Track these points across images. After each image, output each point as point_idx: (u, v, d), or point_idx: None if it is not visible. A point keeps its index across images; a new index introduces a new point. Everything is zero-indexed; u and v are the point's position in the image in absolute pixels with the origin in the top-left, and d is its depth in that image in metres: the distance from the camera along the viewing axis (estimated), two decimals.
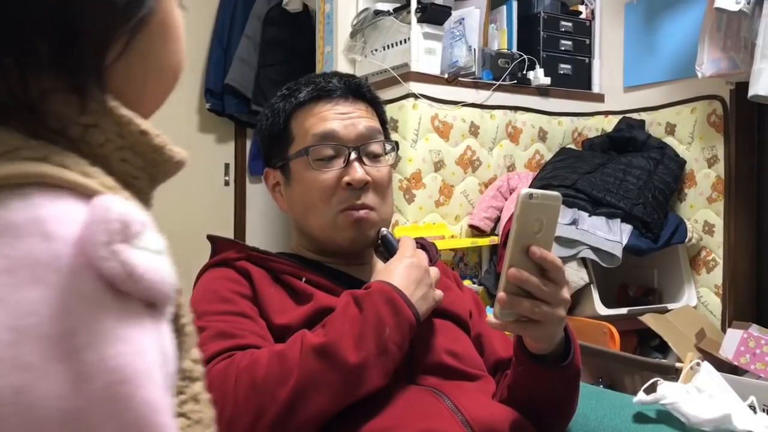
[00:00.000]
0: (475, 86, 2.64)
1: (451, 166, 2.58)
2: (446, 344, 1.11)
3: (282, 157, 1.14)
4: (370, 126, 1.13)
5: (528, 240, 0.89)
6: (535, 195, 0.88)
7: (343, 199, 1.10)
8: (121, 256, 0.38)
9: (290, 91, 1.17)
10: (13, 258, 0.37)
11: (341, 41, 2.75)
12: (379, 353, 0.93)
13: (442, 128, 2.55)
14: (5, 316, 0.36)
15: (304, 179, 1.11)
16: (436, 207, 2.54)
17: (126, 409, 0.37)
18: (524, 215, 0.88)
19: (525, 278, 0.89)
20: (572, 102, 2.90)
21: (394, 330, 0.95)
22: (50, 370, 0.36)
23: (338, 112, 1.13)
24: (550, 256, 0.91)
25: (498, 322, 0.93)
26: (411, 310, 0.97)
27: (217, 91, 3.45)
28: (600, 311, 2.35)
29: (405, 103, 2.49)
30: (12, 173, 0.39)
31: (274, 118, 1.16)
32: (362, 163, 1.11)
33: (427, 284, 1.02)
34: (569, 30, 2.91)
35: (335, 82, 1.14)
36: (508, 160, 2.71)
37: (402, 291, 0.98)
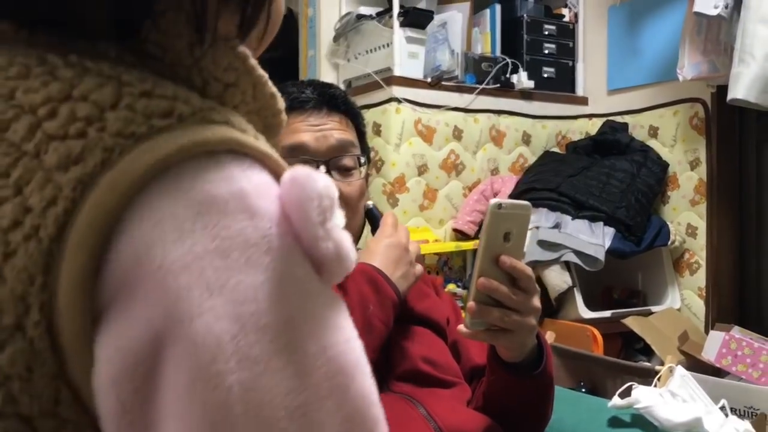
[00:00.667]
0: (458, 90, 2.64)
1: (435, 170, 2.58)
2: (422, 351, 1.10)
3: None
4: (343, 138, 1.11)
5: (497, 249, 0.90)
6: (504, 205, 0.88)
7: None
8: (335, 235, 0.35)
9: None
10: (224, 238, 0.33)
11: (324, 45, 2.75)
12: (365, 331, 0.94)
13: (425, 132, 2.55)
14: (226, 304, 0.32)
15: None
16: (420, 211, 2.54)
17: (344, 402, 0.35)
18: (493, 225, 0.88)
19: (494, 287, 0.89)
20: (556, 105, 2.90)
21: (377, 307, 0.97)
22: (275, 364, 0.33)
23: (310, 124, 1.11)
24: (520, 265, 0.91)
25: (468, 331, 0.92)
26: (392, 287, 1.00)
27: None
28: (583, 314, 2.35)
29: (388, 108, 2.49)
30: (208, 139, 0.34)
31: None
32: (331, 177, 1.09)
33: (407, 262, 1.04)
34: (553, 33, 2.91)
35: (309, 93, 1.12)
36: (492, 164, 2.72)
37: (382, 270, 1.01)
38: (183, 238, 0.32)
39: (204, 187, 0.33)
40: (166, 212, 0.33)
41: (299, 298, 0.34)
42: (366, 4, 2.70)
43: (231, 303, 0.32)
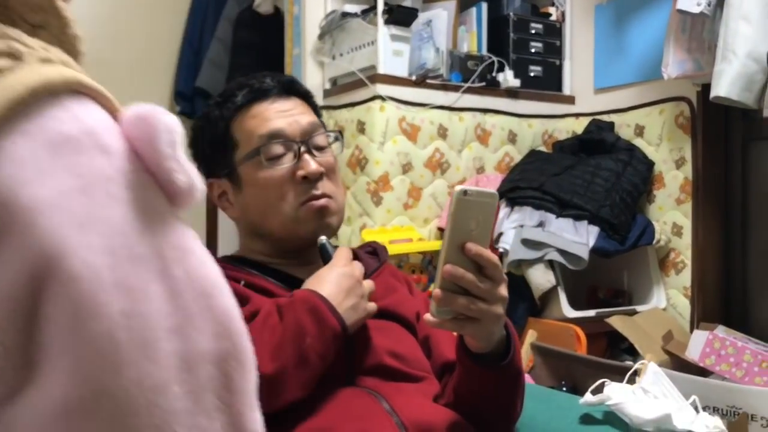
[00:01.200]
0: (443, 88, 2.63)
1: (420, 168, 2.56)
2: (388, 345, 1.09)
3: (227, 165, 1.13)
4: (311, 120, 1.15)
5: (463, 237, 0.89)
6: (469, 192, 0.88)
7: (301, 192, 1.10)
8: (186, 167, 0.37)
9: (224, 97, 1.16)
10: (85, 176, 0.34)
11: (309, 43, 2.74)
12: (297, 363, 0.92)
13: (410, 130, 2.54)
14: (98, 237, 0.34)
15: (257, 180, 1.10)
16: (404, 210, 2.53)
17: (211, 318, 0.38)
18: (459, 212, 0.88)
19: (460, 275, 0.89)
20: (542, 104, 2.89)
21: (315, 339, 0.93)
22: (150, 290, 0.35)
23: (278, 110, 1.13)
24: (486, 253, 0.90)
25: (435, 319, 0.91)
26: (336, 318, 0.96)
27: (188, 94, 3.42)
28: (567, 314, 2.34)
29: (372, 105, 2.47)
30: (53, 80, 0.35)
31: (212, 126, 1.14)
32: (312, 155, 1.12)
33: (358, 295, 1.02)
34: (539, 32, 2.90)
35: (269, 81, 1.15)
36: (477, 163, 2.70)
37: (327, 300, 0.98)
38: (45, 177, 0.33)
39: (52, 126, 0.34)
40: (24, 154, 0.33)
41: (162, 227, 0.37)
42: (351, 1, 2.68)
43: (103, 236, 0.34)
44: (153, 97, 3.50)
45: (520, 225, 2.37)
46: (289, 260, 1.16)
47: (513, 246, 2.32)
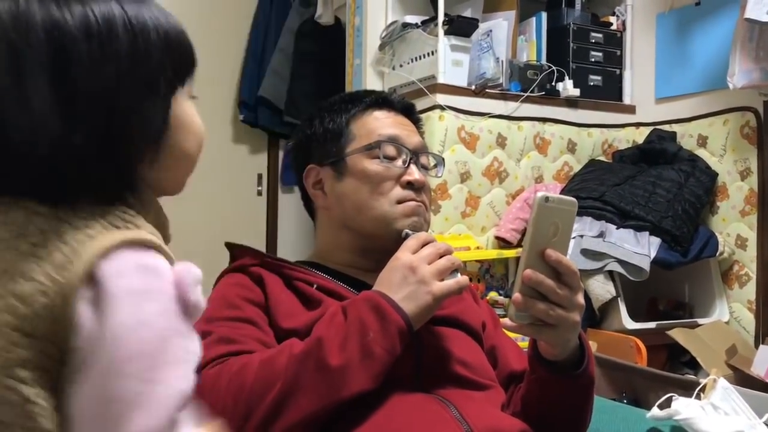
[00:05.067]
0: (502, 98, 2.64)
1: (478, 177, 2.58)
2: (456, 353, 1.11)
3: (336, 154, 1.19)
4: (422, 141, 1.23)
5: (543, 243, 0.91)
6: (551, 199, 0.90)
7: (402, 194, 1.16)
8: (197, 292, 0.62)
9: (351, 96, 1.26)
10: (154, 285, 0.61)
11: (370, 54, 2.78)
12: (362, 356, 0.94)
13: (468, 139, 2.56)
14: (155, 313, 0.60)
15: (365, 171, 1.16)
16: (462, 218, 2.55)
17: None
18: (540, 218, 0.90)
19: (540, 280, 0.91)
20: (602, 113, 2.87)
21: (378, 334, 0.95)
22: None
23: (398, 122, 1.22)
24: (565, 260, 0.93)
25: (513, 324, 0.94)
26: (399, 313, 0.98)
27: (251, 103, 3.50)
28: (627, 325, 2.32)
29: (431, 115, 2.50)
30: (142, 238, 0.62)
31: (333, 116, 1.22)
32: (418, 168, 1.18)
33: (414, 282, 1.01)
34: (599, 41, 2.89)
35: (396, 97, 1.26)
36: (536, 172, 2.70)
37: (387, 295, 0.99)
38: None
39: (146, 260, 0.62)
40: None
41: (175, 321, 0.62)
42: (412, 12, 2.72)
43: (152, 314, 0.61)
44: (217, 106, 3.60)
45: (580, 235, 2.36)
46: (367, 263, 1.19)
47: (573, 256, 2.31)
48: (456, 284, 1.04)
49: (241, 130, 3.65)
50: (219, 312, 1.06)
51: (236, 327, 1.03)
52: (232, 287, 1.09)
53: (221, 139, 3.60)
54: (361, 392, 0.95)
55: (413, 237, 1.10)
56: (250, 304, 1.07)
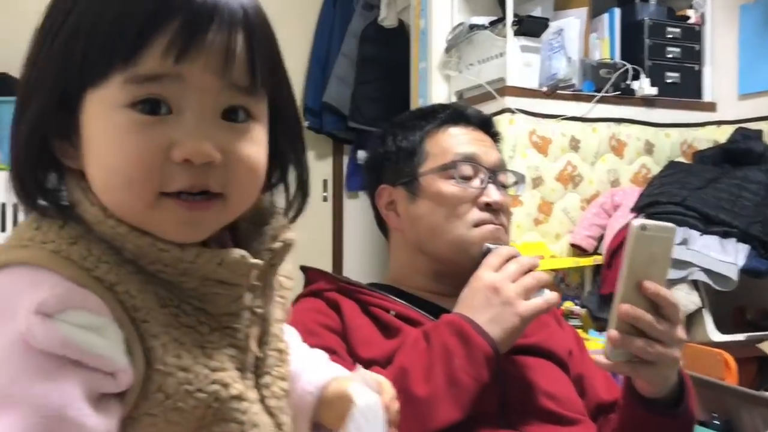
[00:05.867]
0: (575, 99, 2.54)
1: (551, 182, 2.49)
2: (543, 385, 1.05)
3: (410, 173, 1.14)
4: (500, 158, 1.17)
5: (640, 274, 0.86)
6: (648, 227, 0.85)
7: (479, 217, 1.10)
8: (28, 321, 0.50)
9: (425, 112, 1.21)
10: None
11: (436, 57, 2.72)
12: (449, 385, 0.90)
13: (540, 143, 2.47)
14: None
15: (440, 193, 1.11)
16: (535, 225, 2.46)
17: None
18: (637, 248, 0.85)
19: (638, 315, 0.86)
20: (681, 112, 2.74)
21: (464, 360, 0.91)
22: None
23: (475, 138, 1.16)
24: (664, 292, 0.87)
25: (608, 362, 0.89)
26: (484, 338, 0.93)
27: (316, 109, 3.49)
28: (713, 337, 2.19)
29: (501, 119, 2.42)
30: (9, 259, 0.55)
31: (406, 134, 1.17)
32: (497, 187, 1.13)
33: (499, 303, 0.96)
34: (677, 36, 2.75)
35: (472, 111, 1.20)
36: (611, 175, 2.60)
37: (470, 318, 0.95)
38: None
39: None
40: None
41: None
42: (479, 13, 2.65)
43: None
44: None
45: None
46: (443, 288, 1.14)
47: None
48: (544, 303, 0.99)
49: (306, 136, 3.61)
50: None
51: None
52: (309, 313, 1.06)
53: None
54: (450, 423, 0.91)
55: (494, 253, 1.04)
56: (328, 331, 1.04)
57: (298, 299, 1.12)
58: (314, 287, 1.12)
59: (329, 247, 3.67)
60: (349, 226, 3.70)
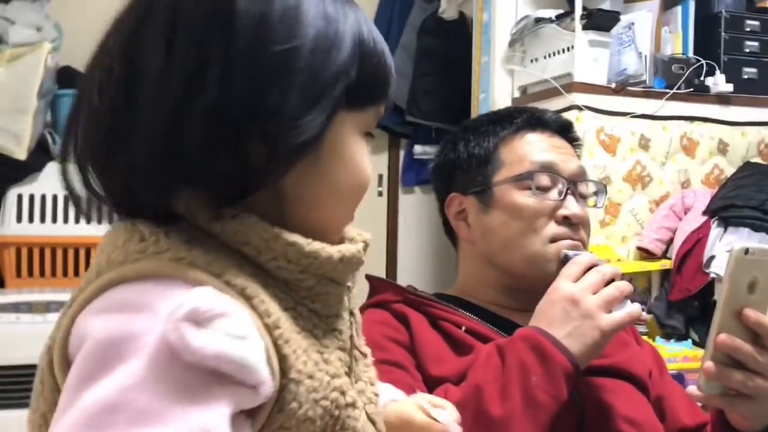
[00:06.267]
0: (645, 96, 2.43)
1: (618, 182, 2.39)
2: (623, 409, 0.99)
3: (482, 182, 1.08)
4: (581, 165, 1.10)
5: (741, 302, 0.80)
6: (752, 251, 0.79)
7: (557, 231, 1.04)
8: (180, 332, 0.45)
9: (500, 115, 1.14)
10: None
11: (499, 51, 2.64)
12: (526, 405, 0.85)
13: (608, 142, 2.38)
14: None
15: (514, 205, 1.05)
16: (600, 228, 2.37)
17: None
18: (737, 273, 0.79)
19: (737, 346, 0.80)
20: (758, 110, 2.59)
21: (542, 378, 0.86)
22: None
23: (554, 145, 1.09)
24: (767, 321, 0.81)
25: (702, 394, 0.83)
26: (564, 353, 0.87)
27: None
28: None
29: (568, 116, 2.31)
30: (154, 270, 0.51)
31: (479, 140, 1.11)
32: (576, 199, 1.06)
33: (579, 316, 0.89)
34: (756, 29, 2.60)
35: (551, 115, 1.14)
36: (682, 176, 2.48)
37: (551, 334, 0.89)
38: None
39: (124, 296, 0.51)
40: None
41: None
42: (544, 6, 2.55)
43: None
44: None
45: None
46: (514, 303, 1.08)
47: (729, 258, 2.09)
48: (628, 316, 0.92)
49: None
50: None
51: (386, 371, 0.94)
52: (377, 325, 1.01)
53: None
54: None
55: (573, 261, 0.97)
56: (396, 345, 0.99)
57: (362, 310, 1.07)
58: (380, 298, 1.07)
59: (383, 242, 3.62)
60: (403, 220, 3.65)
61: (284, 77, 0.52)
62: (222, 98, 0.51)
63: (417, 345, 0.99)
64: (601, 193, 1.15)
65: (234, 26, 0.51)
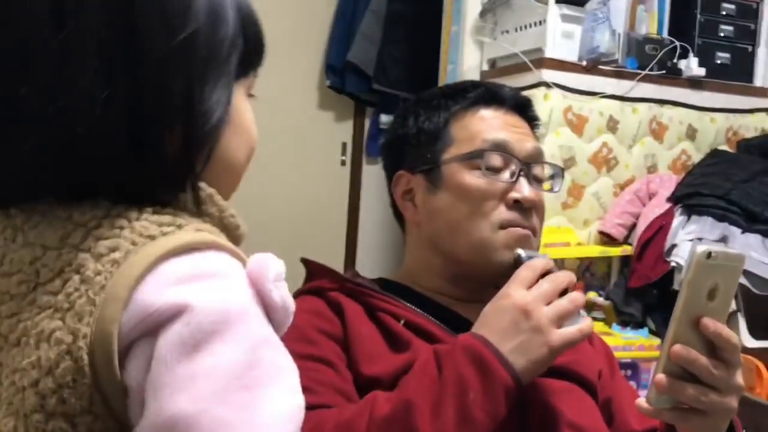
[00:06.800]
0: (617, 76, 2.36)
1: (583, 164, 2.33)
2: (568, 414, 0.93)
3: (431, 160, 1.00)
4: (537, 146, 1.02)
5: (699, 310, 0.74)
6: (714, 254, 0.72)
7: (506, 216, 0.96)
8: (282, 290, 0.53)
9: (453, 90, 1.06)
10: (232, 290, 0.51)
11: (470, 20, 2.54)
12: (460, 422, 0.77)
13: (575, 122, 2.30)
14: None
15: (462, 185, 0.97)
16: (562, 209, 2.31)
17: None
18: (698, 279, 0.73)
19: (693, 358, 0.74)
20: (728, 96, 2.54)
21: (480, 394, 0.78)
22: None
23: (509, 123, 1.01)
24: (725, 332, 0.75)
25: (650, 408, 0.76)
26: (506, 368, 0.80)
27: (338, 68, 3.33)
28: (747, 343, 2.05)
29: (535, 93, 2.24)
30: (206, 240, 0.52)
31: (430, 114, 1.02)
32: (529, 182, 0.98)
33: (529, 329, 0.82)
34: (731, 13, 2.54)
35: (507, 91, 1.05)
36: (649, 161, 2.43)
37: (494, 345, 0.81)
38: None
39: (213, 262, 0.51)
40: None
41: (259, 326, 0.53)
42: None
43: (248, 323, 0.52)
44: (303, 70, 3.43)
45: (698, 238, 2.09)
46: (460, 292, 1.01)
47: (688, 261, 2.05)
48: (579, 333, 0.84)
49: (327, 97, 3.49)
50: (293, 345, 0.90)
51: (312, 369, 0.87)
52: (308, 315, 0.92)
53: (305, 105, 3.45)
54: None
55: (528, 266, 0.88)
56: (327, 338, 0.91)
57: (295, 296, 0.99)
58: (316, 284, 0.99)
59: (344, 213, 3.54)
60: (366, 191, 3.56)
61: (188, 65, 0.52)
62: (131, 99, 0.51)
63: (350, 339, 0.91)
64: (557, 176, 1.07)
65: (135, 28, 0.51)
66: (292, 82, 3.30)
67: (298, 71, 3.36)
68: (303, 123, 3.38)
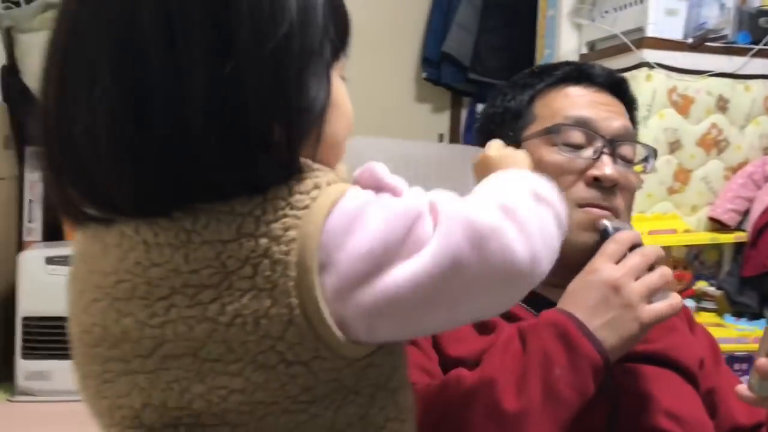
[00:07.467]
0: (726, 52, 2.23)
1: (690, 147, 2.22)
2: (665, 402, 0.88)
3: (513, 138, 0.97)
4: (628, 126, 0.96)
5: None
6: None
7: (584, 194, 0.92)
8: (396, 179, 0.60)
9: (542, 68, 1.03)
10: None
11: (566, 3, 2.49)
12: (546, 399, 0.75)
13: (681, 102, 2.20)
14: None
15: (539, 163, 0.92)
16: (668, 195, 2.21)
17: None
18: None
19: None
20: None
21: (567, 370, 0.76)
22: None
23: (596, 101, 0.96)
24: None
25: (753, 395, 0.73)
26: (594, 345, 0.77)
27: (434, 60, 3.33)
28: None
29: (636, 74, 2.16)
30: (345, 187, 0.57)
31: (516, 93, 1.01)
32: (614, 162, 0.92)
33: (619, 305, 0.78)
34: None
35: (598, 70, 1.00)
36: (765, 141, 2.28)
37: (581, 321, 0.78)
38: None
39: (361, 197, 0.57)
40: None
41: None
42: None
43: None
44: (400, 62, 3.46)
45: None
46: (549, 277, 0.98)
47: None
48: (670, 308, 0.80)
49: (424, 88, 3.51)
50: None
51: None
52: None
53: (402, 97, 3.49)
54: None
55: (614, 239, 0.85)
56: None
57: None
58: None
59: None
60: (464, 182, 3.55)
61: (285, 67, 0.54)
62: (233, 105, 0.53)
63: None
64: (650, 157, 1.02)
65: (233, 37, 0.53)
66: (388, 75, 3.33)
67: (395, 64, 3.39)
68: (400, 115, 3.41)
